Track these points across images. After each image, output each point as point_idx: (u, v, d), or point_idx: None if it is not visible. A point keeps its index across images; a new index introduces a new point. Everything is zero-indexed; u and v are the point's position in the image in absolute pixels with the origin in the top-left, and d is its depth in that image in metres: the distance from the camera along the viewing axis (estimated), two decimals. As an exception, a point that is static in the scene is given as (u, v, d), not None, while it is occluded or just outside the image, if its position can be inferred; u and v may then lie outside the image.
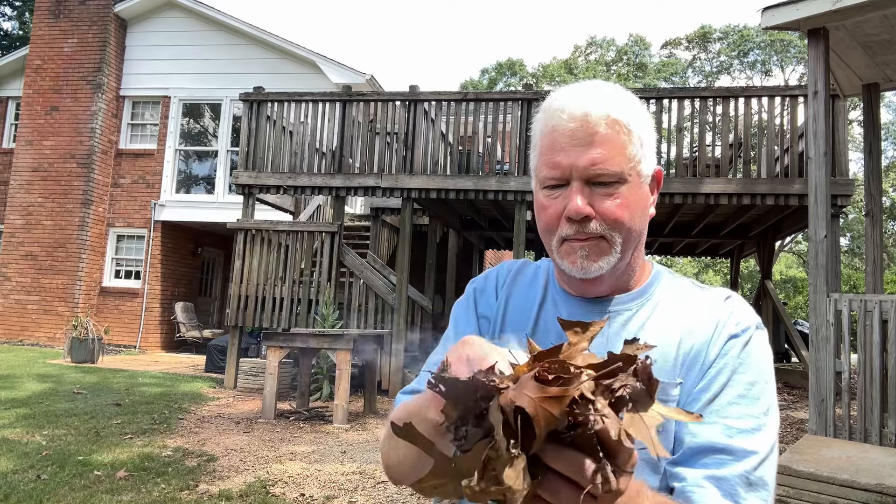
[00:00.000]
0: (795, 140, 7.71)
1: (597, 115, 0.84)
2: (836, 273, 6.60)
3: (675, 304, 0.92)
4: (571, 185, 0.85)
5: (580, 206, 0.84)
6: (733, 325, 0.87)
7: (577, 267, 0.87)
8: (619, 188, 0.85)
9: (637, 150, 0.87)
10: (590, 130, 0.84)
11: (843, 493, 3.20)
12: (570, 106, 0.85)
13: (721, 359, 0.85)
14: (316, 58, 12.42)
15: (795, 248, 29.45)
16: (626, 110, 0.86)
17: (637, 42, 35.65)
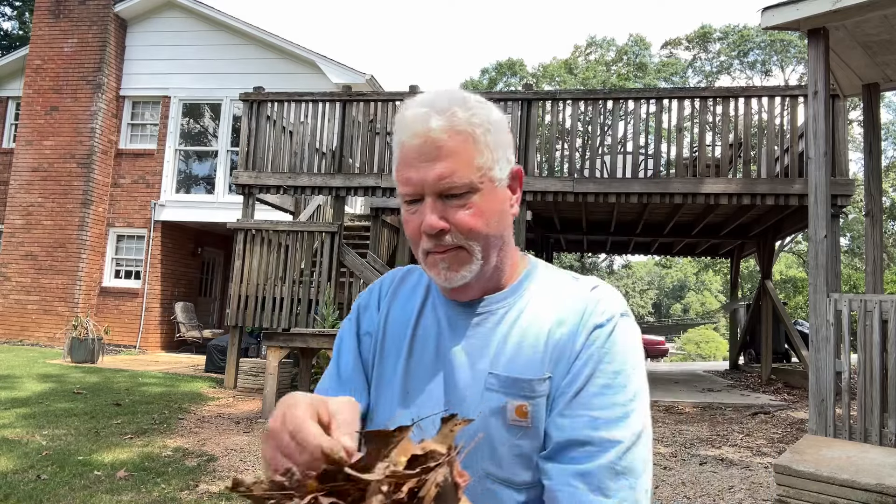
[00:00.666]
0: (795, 140, 7.71)
1: (439, 128, 0.84)
2: (836, 273, 6.60)
3: (547, 298, 0.93)
4: (425, 201, 0.86)
5: (433, 221, 0.85)
6: (598, 315, 0.88)
7: (441, 278, 0.89)
8: (472, 198, 0.86)
9: (486, 157, 0.87)
10: (435, 145, 0.84)
11: (843, 493, 3.20)
12: (414, 121, 0.86)
13: (586, 350, 0.86)
14: (316, 58, 12.42)
15: (795, 248, 29.44)
16: (470, 119, 0.86)
17: (637, 42, 35.64)
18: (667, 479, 4.49)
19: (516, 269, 0.96)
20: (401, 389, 0.94)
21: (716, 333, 32.11)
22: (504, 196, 0.91)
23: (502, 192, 0.90)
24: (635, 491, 0.79)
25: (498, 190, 0.89)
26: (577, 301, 0.90)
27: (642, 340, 0.92)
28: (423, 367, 0.93)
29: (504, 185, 0.90)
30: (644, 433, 0.83)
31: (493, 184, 0.88)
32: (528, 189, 8.12)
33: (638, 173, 8.23)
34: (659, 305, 52.98)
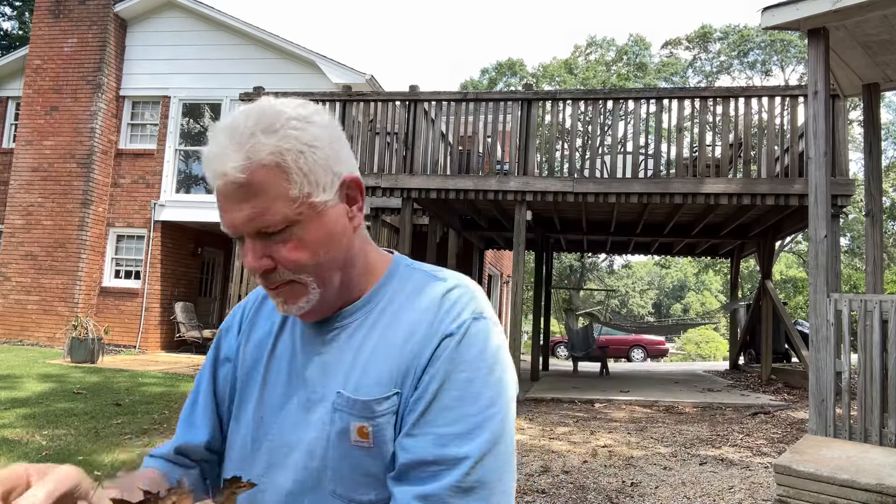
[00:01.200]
0: (795, 140, 7.71)
1: (237, 168, 0.76)
2: (836, 273, 6.60)
3: (404, 304, 0.87)
4: (244, 241, 0.81)
5: (253, 264, 0.81)
6: (449, 322, 0.82)
7: (282, 310, 0.86)
8: (292, 231, 0.79)
9: (301, 185, 0.79)
10: (236, 185, 0.77)
11: (843, 493, 3.20)
12: (211, 160, 0.78)
13: (434, 364, 0.80)
14: (316, 58, 12.42)
15: (795, 248, 29.44)
16: (278, 146, 0.78)
17: (637, 42, 35.64)
18: (667, 479, 4.49)
19: (374, 276, 0.90)
20: (254, 419, 0.90)
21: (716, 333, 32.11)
22: (336, 215, 0.83)
23: (333, 211, 0.82)
24: (488, 503, 0.75)
25: (326, 213, 0.81)
26: (429, 307, 0.84)
27: (643, 341, 0.91)
28: (276, 393, 0.89)
29: (334, 203, 0.82)
30: (502, 440, 0.78)
31: (315, 210, 0.80)
32: (528, 189, 8.12)
33: (638, 173, 8.23)
34: (659, 305, 52.97)
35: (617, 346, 21.48)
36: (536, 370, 11.41)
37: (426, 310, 0.84)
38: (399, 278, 0.90)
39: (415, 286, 0.88)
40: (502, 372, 0.81)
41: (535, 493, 4.12)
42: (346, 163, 0.85)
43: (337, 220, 0.83)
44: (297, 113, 0.82)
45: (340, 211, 0.83)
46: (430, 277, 0.89)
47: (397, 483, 0.78)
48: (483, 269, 15.56)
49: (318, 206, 0.80)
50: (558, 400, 8.26)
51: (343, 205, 0.84)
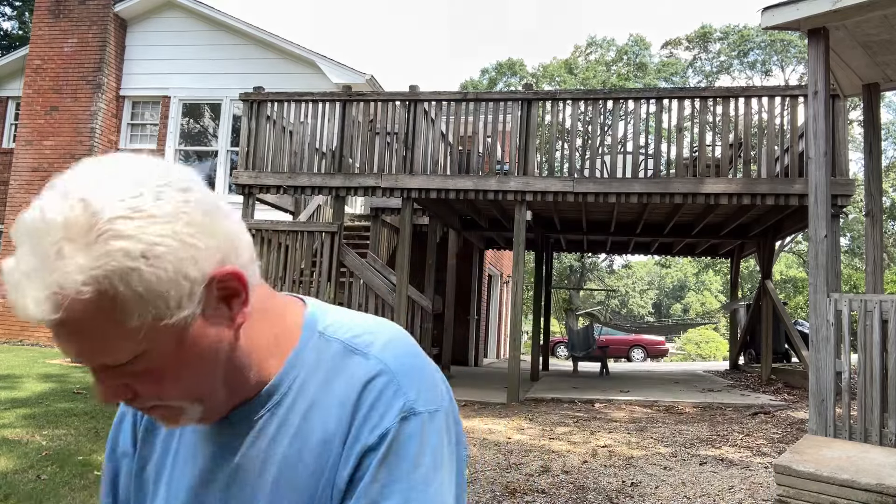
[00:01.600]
0: (795, 140, 7.71)
1: (38, 306, 0.55)
2: (836, 273, 6.60)
3: (317, 397, 0.69)
4: (91, 371, 0.63)
5: (102, 397, 0.63)
6: (369, 431, 0.66)
7: (167, 426, 0.72)
8: (141, 362, 0.61)
9: (141, 313, 0.58)
10: (52, 326, 0.57)
11: (843, 493, 3.20)
12: (11, 290, 0.57)
13: (354, 489, 0.65)
14: (316, 58, 12.42)
15: (795, 248, 29.44)
16: (88, 275, 0.55)
17: (637, 42, 35.65)
18: (667, 479, 4.49)
19: (282, 353, 0.71)
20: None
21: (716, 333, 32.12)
22: (202, 328, 0.62)
23: (199, 325, 0.62)
24: None
25: (187, 330, 0.61)
26: (345, 403, 0.67)
27: (643, 341, 0.88)
28: (179, 499, 0.74)
29: (198, 313, 0.61)
30: None
31: (169, 332, 0.60)
32: (528, 189, 8.12)
33: (638, 173, 8.24)
34: (659, 305, 52.98)
35: (617, 346, 21.49)
36: (536, 370, 11.42)
37: (341, 406, 0.68)
38: (312, 354, 0.71)
39: (331, 367, 0.70)
40: (440, 470, 0.67)
41: (535, 493, 4.12)
42: (211, 254, 0.61)
43: (205, 333, 0.63)
44: (128, 206, 0.57)
45: (212, 320, 0.63)
46: (349, 352, 0.70)
47: None
48: (483, 269, 15.56)
49: (173, 327, 0.60)
50: (558, 400, 8.26)
51: (216, 309, 0.63)
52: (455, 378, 10.63)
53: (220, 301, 0.63)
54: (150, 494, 0.78)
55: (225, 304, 0.64)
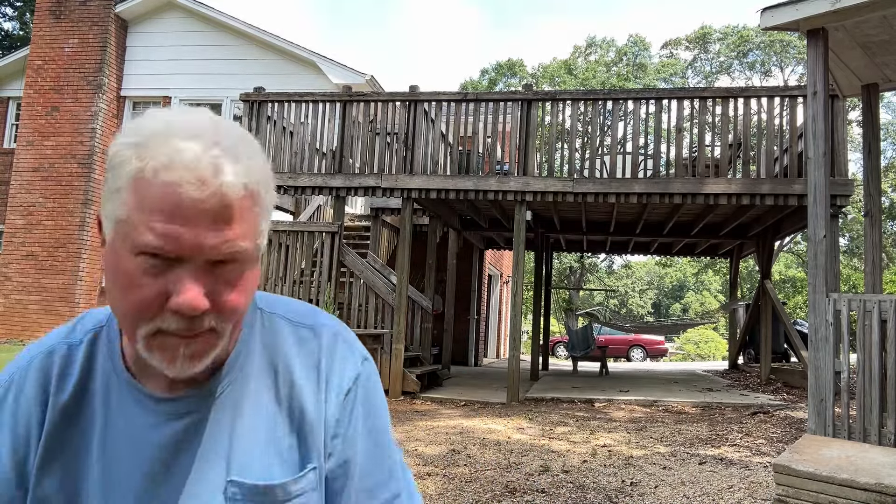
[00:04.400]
0: (795, 140, 7.72)
1: (235, 184, 0.64)
2: (836, 273, 6.61)
3: (276, 362, 0.76)
4: (185, 266, 0.63)
5: (197, 302, 0.63)
6: (341, 378, 0.77)
7: (173, 367, 0.67)
8: (244, 270, 0.68)
9: (265, 222, 0.70)
10: (225, 203, 0.63)
11: (843, 492, 3.21)
12: (199, 165, 0.63)
13: (342, 426, 0.75)
14: (316, 58, 12.43)
15: (795, 248, 29.45)
16: (260, 172, 0.68)
17: (637, 42, 35.67)
18: (666, 478, 4.50)
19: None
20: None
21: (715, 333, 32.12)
22: (259, 269, 0.73)
23: (259, 264, 0.73)
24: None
25: (259, 259, 0.72)
26: (308, 364, 0.76)
27: (642, 341, 0.91)
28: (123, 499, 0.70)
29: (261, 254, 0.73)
30: (399, 455, 0.83)
31: (259, 252, 0.70)
32: (528, 189, 8.14)
33: (638, 173, 8.25)
34: (658, 305, 52.98)
35: (616, 345, 21.50)
36: (536, 370, 11.43)
37: (305, 367, 0.76)
38: (261, 329, 0.78)
39: (282, 338, 0.78)
40: (386, 410, 0.82)
41: (535, 492, 4.13)
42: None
43: (257, 269, 0.72)
44: (257, 143, 0.71)
45: (259, 269, 0.73)
46: (295, 326, 0.79)
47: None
48: (483, 269, 15.58)
49: (261, 249, 0.71)
50: (558, 400, 8.27)
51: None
52: (455, 378, 10.64)
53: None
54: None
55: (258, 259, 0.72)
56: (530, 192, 8.15)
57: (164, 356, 0.66)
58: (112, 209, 0.65)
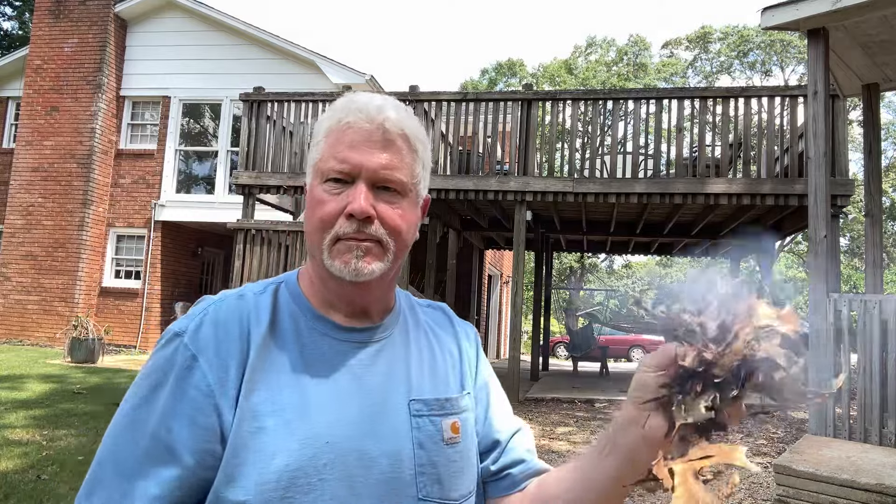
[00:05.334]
0: (795, 140, 7.71)
1: (394, 124, 0.85)
2: (836, 273, 6.60)
3: (417, 318, 0.98)
4: (357, 184, 0.83)
5: (365, 204, 0.82)
6: (468, 329, 1.02)
7: (349, 267, 0.83)
8: (401, 200, 0.86)
9: (420, 170, 0.88)
10: (385, 136, 0.84)
11: (843, 492, 3.20)
12: (369, 109, 0.85)
13: (480, 361, 1.00)
14: (316, 58, 12.42)
15: (795, 249, 29.44)
16: (418, 130, 0.88)
17: (637, 42, 35.65)
18: (667, 479, 4.49)
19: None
20: (299, 419, 0.80)
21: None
22: (419, 214, 0.91)
23: (419, 210, 0.91)
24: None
25: (418, 206, 0.90)
26: (441, 320, 1.01)
27: (643, 341, 0.94)
28: (329, 409, 0.82)
29: (420, 204, 0.91)
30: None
31: (417, 197, 0.89)
32: (528, 189, 8.13)
33: (638, 173, 8.24)
34: (659, 305, 52.89)
35: (617, 345, 21.48)
36: (536, 370, 11.42)
37: (441, 325, 1.00)
38: (403, 298, 1.00)
39: (417, 306, 1.01)
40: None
41: (535, 492, 4.12)
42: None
43: (419, 218, 0.91)
44: (420, 123, 0.92)
45: (420, 214, 0.91)
46: (416, 301, 1.03)
47: (513, 445, 0.95)
48: (483, 269, 15.56)
49: (419, 195, 0.89)
50: (558, 400, 8.26)
51: (420, 211, 0.91)
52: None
53: (422, 210, 0.92)
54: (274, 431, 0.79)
55: (422, 208, 0.92)
56: (530, 192, 8.14)
57: (342, 259, 0.83)
58: (311, 159, 0.88)
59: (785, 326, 0.64)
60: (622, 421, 0.76)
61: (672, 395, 0.67)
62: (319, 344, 0.86)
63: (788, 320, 0.64)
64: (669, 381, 0.67)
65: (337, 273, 0.83)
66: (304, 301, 0.89)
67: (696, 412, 0.64)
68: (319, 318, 0.88)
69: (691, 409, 0.65)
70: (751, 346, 0.63)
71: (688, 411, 0.65)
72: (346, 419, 0.82)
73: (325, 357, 0.85)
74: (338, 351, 0.86)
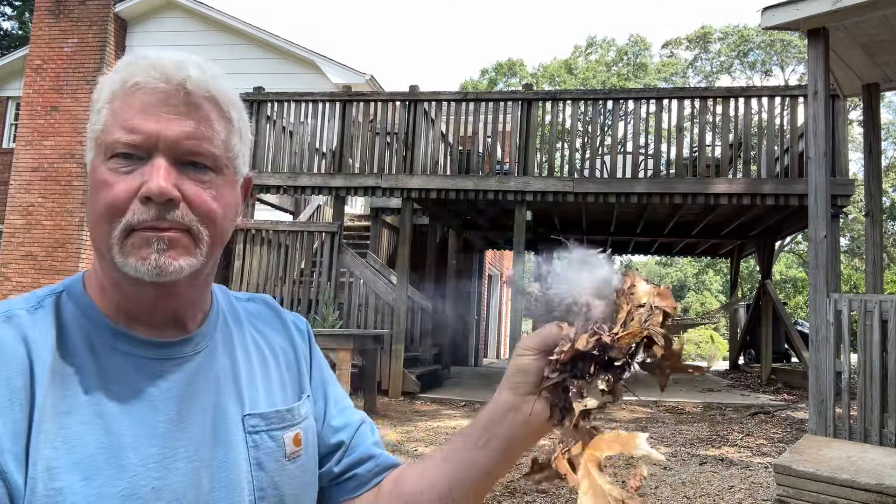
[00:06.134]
0: (795, 140, 7.71)
1: (198, 84, 0.68)
2: (836, 273, 6.60)
3: (236, 316, 0.84)
4: (154, 160, 0.66)
5: (165, 184, 0.65)
6: (293, 319, 0.90)
7: (148, 264, 0.65)
8: (215, 178, 0.69)
9: (237, 142, 0.72)
10: (188, 99, 0.67)
11: (844, 493, 3.20)
12: (164, 65, 0.68)
13: (314, 356, 0.88)
14: (316, 58, 12.42)
15: (795, 249, 29.45)
16: (231, 94, 0.72)
17: (637, 42, 35.66)
18: (667, 479, 4.49)
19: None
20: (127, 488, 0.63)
21: (715, 333, 32.12)
22: (239, 197, 0.75)
23: (238, 191, 0.75)
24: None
25: (237, 186, 0.74)
26: (266, 313, 0.87)
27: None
28: (147, 453, 0.66)
29: (240, 183, 0.76)
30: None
31: (235, 175, 0.73)
32: (528, 189, 8.13)
33: (638, 173, 8.24)
34: (659, 305, 52.92)
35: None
36: (536, 370, 11.40)
37: (265, 319, 0.87)
38: (218, 294, 0.85)
39: (234, 301, 0.87)
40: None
41: (535, 492, 4.12)
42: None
43: (238, 201, 0.75)
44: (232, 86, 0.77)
45: (240, 197, 0.76)
46: (233, 295, 0.88)
47: (357, 441, 0.85)
48: (483, 269, 15.57)
49: (237, 172, 0.74)
50: (558, 400, 8.26)
51: (241, 193, 0.76)
52: (455, 378, 10.63)
53: (243, 192, 0.77)
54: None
55: (243, 190, 0.77)
56: (530, 192, 8.14)
57: (138, 254, 0.66)
58: (91, 131, 0.69)
59: (663, 303, 0.64)
60: (499, 409, 0.70)
61: (566, 380, 0.65)
62: (123, 367, 0.68)
63: (665, 297, 0.65)
64: (558, 364, 0.65)
65: (133, 273, 0.66)
66: (96, 313, 0.70)
67: (594, 395, 0.63)
68: (119, 333, 0.70)
69: (589, 393, 0.63)
70: (646, 326, 0.63)
71: (585, 395, 0.63)
72: (172, 454, 0.67)
73: (132, 382, 0.68)
74: (149, 373, 0.69)
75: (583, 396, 0.63)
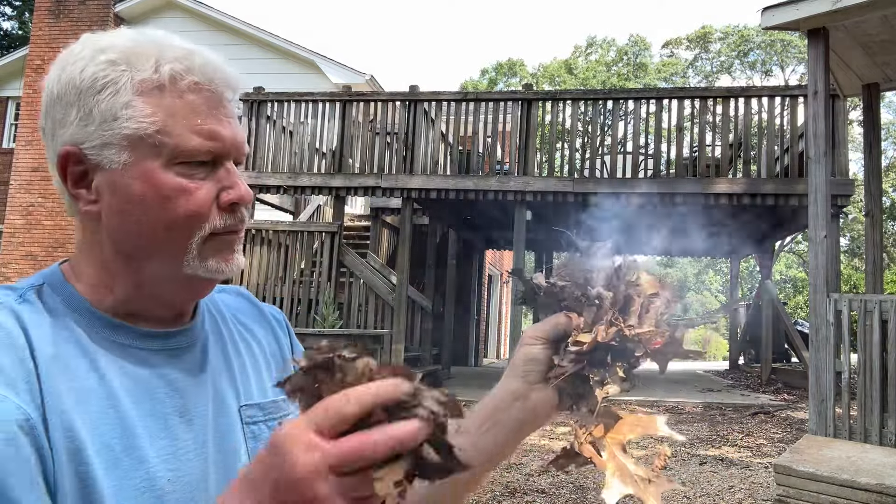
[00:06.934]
0: (795, 140, 7.71)
1: (237, 81, 0.71)
2: (836, 273, 6.60)
3: (216, 307, 0.81)
4: (226, 165, 0.66)
5: (250, 192, 0.68)
6: (272, 312, 0.87)
7: (232, 264, 0.68)
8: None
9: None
10: (233, 98, 0.70)
11: (844, 493, 3.20)
12: (214, 62, 0.68)
13: (294, 347, 0.86)
14: (316, 58, 12.42)
15: (795, 248, 29.45)
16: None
17: (637, 42, 35.65)
18: (667, 479, 4.49)
19: None
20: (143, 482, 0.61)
21: (716, 333, 32.10)
22: None
23: None
24: None
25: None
26: (243, 305, 0.84)
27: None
28: (160, 446, 0.64)
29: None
30: None
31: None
32: (528, 189, 8.13)
33: (638, 173, 8.24)
34: (659, 305, 52.92)
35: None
36: (536, 370, 11.40)
37: (245, 311, 0.84)
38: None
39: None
40: None
41: (535, 493, 4.12)
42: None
43: None
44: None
45: None
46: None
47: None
48: (483, 269, 15.56)
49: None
50: (558, 400, 8.26)
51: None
52: (455, 378, 10.62)
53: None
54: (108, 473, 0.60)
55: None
56: (530, 192, 8.14)
57: (222, 257, 0.67)
58: (124, 127, 0.62)
59: (666, 293, 0.67)
60: (507, 396, 0.70)
61: (585, 368, 0.66)
62: (124, 359, 0.65)
63: (667, 288, 0.68)
64: (577, 354, 0.66)
65: (210, 275, 0.67)
66: (86, 308, 0.66)
67: (615, 383, 0.65)
68: (117, 326, 0.66)
69: (612, 381, 0.65)
70: (662, 317, 0.65)
71: (607, 383, 0.65)
72: (183, 445, 0.66)
73: (135, 374, 0.65)
74: (151, 365, 0.67)
75: (603, 385, 0.65)
